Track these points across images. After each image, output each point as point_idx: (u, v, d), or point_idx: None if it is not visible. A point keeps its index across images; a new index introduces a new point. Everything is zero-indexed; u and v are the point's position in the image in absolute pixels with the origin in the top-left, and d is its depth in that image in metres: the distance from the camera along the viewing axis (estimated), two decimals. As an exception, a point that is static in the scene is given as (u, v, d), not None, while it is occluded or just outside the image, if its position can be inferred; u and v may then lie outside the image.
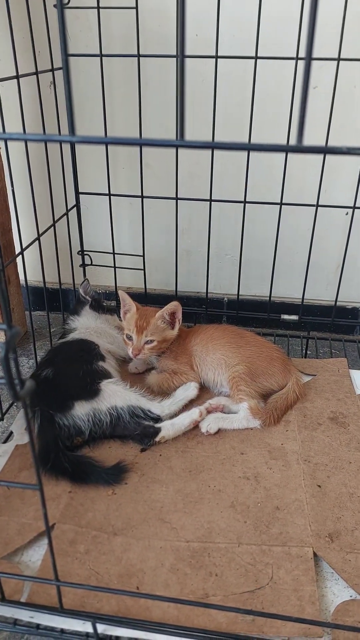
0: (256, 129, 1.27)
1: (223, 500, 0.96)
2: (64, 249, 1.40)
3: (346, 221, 1.40)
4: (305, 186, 1.39)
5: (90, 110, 1.37)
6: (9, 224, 1.38)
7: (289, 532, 0.90)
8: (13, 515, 0.92)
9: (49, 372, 1.11)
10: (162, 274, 1.59)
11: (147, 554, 0.86)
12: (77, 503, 0.95)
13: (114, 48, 1.31)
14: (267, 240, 1.44)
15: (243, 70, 1.28)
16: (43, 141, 1.05)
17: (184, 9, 0.37)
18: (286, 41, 1.21)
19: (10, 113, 1.12)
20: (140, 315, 1.20)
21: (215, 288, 1.59)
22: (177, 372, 1.22)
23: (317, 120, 1.27)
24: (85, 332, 1.26)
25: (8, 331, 0.49)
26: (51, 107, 1.31)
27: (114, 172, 1.43)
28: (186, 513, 0.93)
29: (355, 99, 1.31)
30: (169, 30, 1.28)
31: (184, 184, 1.40)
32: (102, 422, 1.06)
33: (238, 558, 0.85)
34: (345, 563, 0.84)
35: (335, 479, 1.00)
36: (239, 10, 1.24)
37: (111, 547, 0.87)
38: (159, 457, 1.06)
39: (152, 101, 1.36)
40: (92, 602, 0.78)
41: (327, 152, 0.36)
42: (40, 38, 1.20)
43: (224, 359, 1.20)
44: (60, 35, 0.42)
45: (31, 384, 0.52)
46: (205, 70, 1.28)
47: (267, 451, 1.07)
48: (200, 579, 0.82)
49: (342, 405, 1.20)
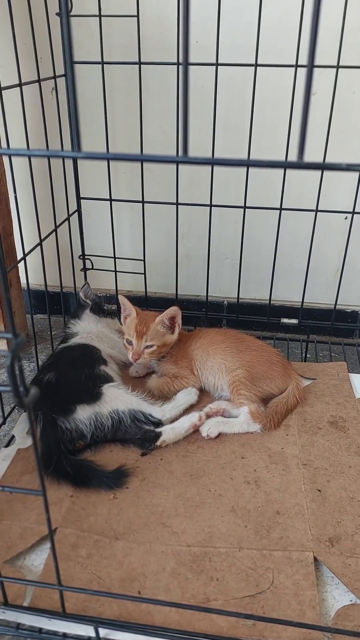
0: (256, 136, 1.28)
1: (224, 505, 0.96)
2: (65, 253, 1.41)
3: (345, 225, 1.41)
4: (304, 191, 1.40)
5: (91, 117, 1.38)
6: (11, 229, 1.39)
7: (289, 536, 0.90)
8: (15, 519, 0.93)
9: (51, 376, 1.12)
10: (162, 278, 1.60)
11: (148, 559, 0.86)
12: (79, 507, 0.95)
13: (116, 55, 1.32)
14: (267, 244, 1.45)
15: (243, 78, 1.29)
16: (47, 157, 1.06)
17: (187, 21, 0.38)
18: (286, 49, 1.22)
19: (13, 120, 1.13)
20: (140, 320, 1.21)
21: (215, 292, 1.60)
22: (177, 376, 1.23)
23: (316, 127, 1.28)
24: (87, 337, 1.27)
25: (13, 340, 0.50)
26: (53, 114, 1.32)
27: (115, 177, 1.44)
28: (187, 517, 0.94)
29: (355, 106, 1.32)
30: (169, 38, 1.29)
31: (185, 189, 1.41)
32: (103, 425, 1.06)
33: (239, 562, 0.86)
34: (346, 567, 0.85)
35: (336, 484, 1.01)
36: (239, 18, 1.25)
37: (113, 552, 0.87)
38: (159, 462, 1.06)
39: (153, 108, 1.37)
40: (94, 607, 0.79)
41: (327, 169, 0.36)
42: (42, 45, 1.21)
43: (224, 363, 1.20)
44: (66, 44, 0.42)
45: (36, 391, 0.53)
46: (205, 77, 1.29)
47: (268, 455, 1.07)
48: (201, 583, 0.82)
49: (341, 409, 1.20)
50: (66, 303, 1.58)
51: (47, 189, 1.29)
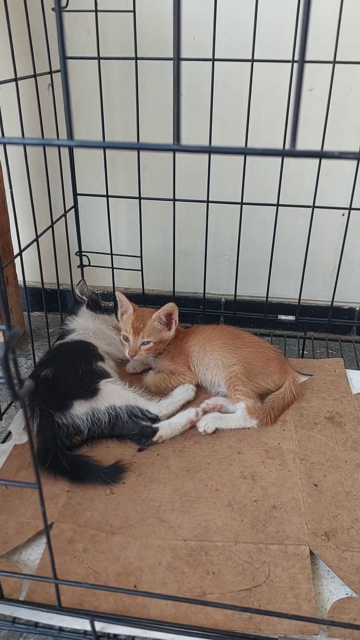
0: (253, 131, 1.28)
1: (220, 499, 0.96)
2: (62, 250, 1.40)
3: (342, 222, 1.41)
4: (301, 188, 1.40)
5: (88, 112, 1.38)
6: (7, 225, 1.39)
7: (285, 530, 0.90)
8: (12, 514, 0.93)
9: (48, 372, 1.12)
10: (159, 275, 1.60)
11: (144, 553, 0.86)
12: (76, 502, 0.95)
13: (112, 51, 1.32)
14: (264, 241, 1.45)
15: (240, 73, 1.29)
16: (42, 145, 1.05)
17: (179, 15, 0.38)
18: (282, 44, 1.22)
19: (9, 115, 1.13)
20: (137, 317, 1.21)
21: (213, 288, 1.60)
22: (174, 372, 1.23)
23: (314, 123, 1.28)
24: (84, 333, 1.27)
25: (7, 331, 0.50)
26: (49, 109, 1.31)
27: (111, 173, 1.44)
28: (184, 512, 0.94)
29: (351, 101, 1.32)
30: (166, 33, 1.29)
31: (182, 186, 1.41)
32: (100, 421, 1.06)
33: (235, 556, 0.86)
34: (341, 561, 0.85)
35: (332, 478, 1.01)
36: (235, 13, 1.25)
37: (109, 546, 0.87)
38: (156, 457, 1.06)
39: (149, 103, 1.37)
40: (90, 600, 0.79)
41: (320, 157, 0.36)
42: (38, 41, 1.20)
43: (221, 359, 1.21)
44: (59, 39, 0.42)
45: (30, 384, 0.53)
46: (202, 73, 1.29)
47: (264, 450, 1.08)
48: (197, 577, 0.83)
49: (338, 405, 1.20)
50: (63, 300, 1.58)
51: (44, 185, 1.29)
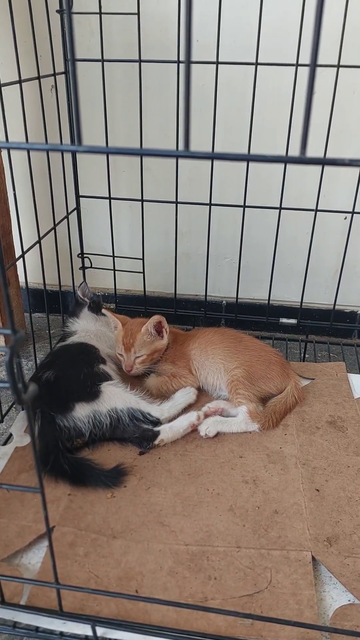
0: (256, 134, 1.28)
1: (222, 504, 0.96)
2: (64, 252, 1.40)
3: (345, 225, 1.41)
4: (304, 191, 1.40)
5: (91, 115, 1.38)
6: (9, 227, 1.39)
7: (287, 536, 0.90)
8: (13, 517, 0.92)
9: (50, 374, 1.11)
10: (161, 277, 1.59)
11: (146, 557, 0.86)
12: (77, 506, 0.95)
13: (116, 53, 1.32)
14: (266, 244, 1.44)
15: (243, 76, 1.29)
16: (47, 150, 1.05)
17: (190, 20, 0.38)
18: (286, 47, 1.22)
19: (12, 117, 1.12)
20: (126, 332, 1.21)
21: (214, 291, 1.60)
22: (175, 375, 1.23)
23: (316, 127, 1.27)
24: (85, 335, 1.26)
25: (12, 336, 0.49)
26: (53, 111, 1.31)
27: (114, 175, 1.43)
28: (185, 516, 0.93)
29: (355, 105, 1.32)
30: (170, 36, 1.29)
31: (184, 188, 1.41)
32: (102, 424, 1.06)
33: (237, 562, 0.85)
34: (344, 567, 0.85)
35: (334, 483, 1.01)
36: (239, 17, 1.25)
37: (110, 550, 0.87)
38: (157, 460, 1.06)
39: (152, 106, 1.37)
40: (92, 605, 0.79)
41: (329, 164, 0.36)
42: (42, 42, 1.20)
43: (223, 363, 1.20)
44: (69, 42, 0.42)
45: (34, 388, 0.52)
46: (205, 76, 1.29)
47: (266, 455, 1.07)
48: (199, 582, 0.82)
49: (340, 409, 1.20)
50: (65, 302, 1.58)
51: (46, 187, 1.29)
